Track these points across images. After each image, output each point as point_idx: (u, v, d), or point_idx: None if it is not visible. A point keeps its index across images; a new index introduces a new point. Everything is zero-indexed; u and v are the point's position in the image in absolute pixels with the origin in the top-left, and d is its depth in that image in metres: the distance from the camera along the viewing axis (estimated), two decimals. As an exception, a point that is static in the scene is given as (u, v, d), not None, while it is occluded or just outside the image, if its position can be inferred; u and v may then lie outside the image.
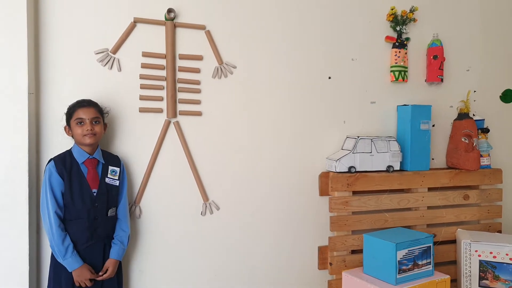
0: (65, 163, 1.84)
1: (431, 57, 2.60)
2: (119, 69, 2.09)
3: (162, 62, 2.14)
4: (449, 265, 2.57)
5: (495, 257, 2.36)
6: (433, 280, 2.16)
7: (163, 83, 2.15)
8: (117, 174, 1.96)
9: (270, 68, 2.36)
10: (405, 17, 2.55)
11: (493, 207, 2.73)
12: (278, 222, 2.41)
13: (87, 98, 1.92)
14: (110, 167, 1.95)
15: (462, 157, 2.60)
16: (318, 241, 2.47)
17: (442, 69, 2.61)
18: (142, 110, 2.12)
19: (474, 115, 2.74)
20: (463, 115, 2.68)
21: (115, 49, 2.08)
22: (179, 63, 2.18)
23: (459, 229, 2.62)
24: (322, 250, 2.46)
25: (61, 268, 1.82)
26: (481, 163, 2.66)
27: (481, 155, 2.66)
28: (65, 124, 1.90)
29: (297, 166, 2.43)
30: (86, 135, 1.83)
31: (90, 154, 1.89)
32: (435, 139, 2.67)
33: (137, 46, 2.11)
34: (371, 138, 2.43)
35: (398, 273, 2.09)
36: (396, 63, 2.54)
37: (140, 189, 2.14)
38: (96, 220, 1.87)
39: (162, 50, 2.14)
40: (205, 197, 2.26)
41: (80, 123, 1.84)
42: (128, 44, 2.10)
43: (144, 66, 2.11)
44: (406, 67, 2.57)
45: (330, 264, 2.40)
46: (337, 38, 2.49)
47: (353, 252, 2.44)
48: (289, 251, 2.44)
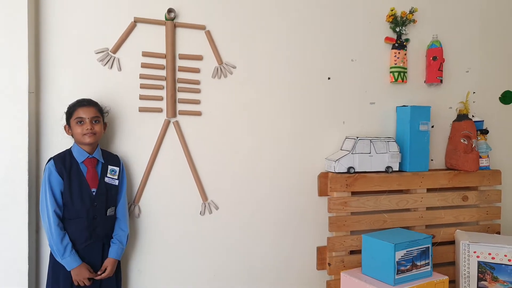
0: (65, 162, 1.84)
1: (431, 58, 2.60)
2: (119, 69, 2.09)
3: (162, 62, 2.15)
4: (447, 266, 2.58)
5: (493, 258, 2.36)
6: (432, 281, 2.16)
7: (163, 83, 2.16)
8: (117, 173, 1.97)
9: (269, 69, 2.37)
10: (404, 18, 2.55)
11: (492, 208, 2.73)
12: (277, 222, 2.42)
13: (87, 98, 1.92)
14: (109, 167, 1.95)
15: (461, 158, 2.60)
16: (317, 241, 2.48)
17: (442, 70, 2.61)
18: (142, 109, 2.13)
19: (473, 116, 2.75)
20: (462, 116, 2.68)
21: (115, 49, 2.08)
22: (179, 63, 2.18)
23: (457, 230, 2.62)
24: (320, 251, 2.46)
25: (60, 268, 1.83)
26: (480, 164, 2.66)
27: (480, 156, 2.66)
28: (65, 123, 1.91)
29: (296, 167, 2.43)
30: (86, 134, 1.83)
31: (89, 154, 1.89)
32: (434, 140, 2.68)
33: (137, 46, 2.11)
34: (370, 138, 2.43)
35: (397, 274, 2.09)
36: (395, 64, 2.55)
37: (139, 189, 2.14)
38: (95, 219, 1.87)
39: (162, 50, 2.15)
40: (204, 197, 2.26)
41: (80, 122, 1.84)
42: (128, 43, 2.10)
43: (144, 65, 2.12)
44: (406, 68, 2.57)
45: (329, 264, 2.40)
46: (336, 39, 2.50)
47: (352, 252, 2.45)
48: (288, 251, 2.44)
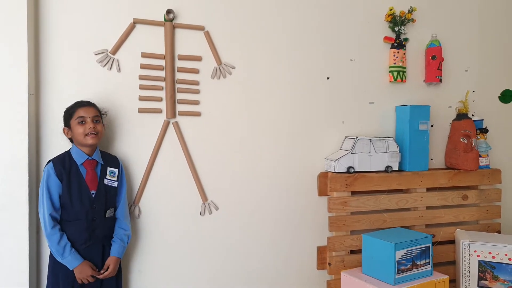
0: (64, 165, 1.84)
1: (430, 57, 2.60)
2: (119, 70, 2.10)
3: (161, 62, 2.15)
4: (448, 265, 2.58)
5: (494, 257, 2.36)
6: (432, 280, 2.16)
7: (162, 84, 2.16)
8: (116, 175, 1.97)
9: (268, 69, 2.37)
10: (403, 18, 2.55)
11: (492, 207, 2.73)
12: (277, 222, 2.42)
13: (85, 99, 1.92)
14: (108, 168, 1.95)
15: (461, 157, 2.60)
16: (317, 241, 2.48)
17: (441, 70, 2.61)
18: (141, 110, 2.13)
19: (472, 115, 2.75)
20: (461, 116, 2.68)
21: (115, 50, 2.09)
22: (178, 63, 2.19)
23: (458, 229, 2.62)
24: (321, 250, 2.46)
25: (60, 268, 1.83)
26: (480, 163, 2.66)
27: (480, 155, 2.66)
28: (63, 126, 1.90)
29: (296, 167, 2.44)
30: (88, 134, 1.83)
31: (89, 155, 1.89)
32: (433, 140, 2.68)
33: (136, 47, 2.12)
34: (370, 138, 2.43)
35: (397, 273, 2.09)
36: (394, 63, 2.55)
37: (139, 189, 2.15)
38: (94, 221, 1.87)
39: (161, 50, 2.15)
40: (204, 197, 2.26)
41: (82, 122, 1.84)
42: (127, 44, 2.11)
43: (143, 66, 2.12)
44: (405, 68, 2.57)
45: (329, 264, 2.40)
46: (335, 39, 2.50)
47: (352, 252, 2.45)
48: (288, 251, 2.44)
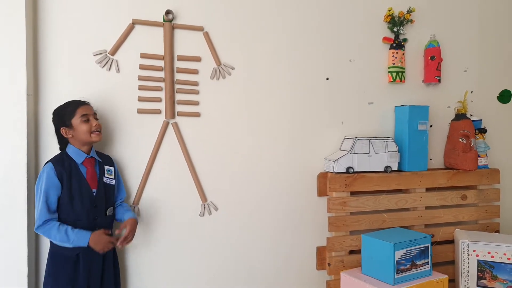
0: (64, 165, 1.81)
1: (429, 58, 2.61)
2: (118, 71, 2.10)
3: (160, 63, 2.15)
4: (447, 265, 2.58)
5: (493, 257, 2.36)
6: (431, 280, 2.16)
7: (161, 84, 2.16)
8: (112, 173, 1.97)
9: (268, 69, 2.37)
10: (402, 18, 2.55)
11: (491, 207, 2.73)
12: (277, 222, 2.42)
13: (83, 99, 1.91)
14: (105, 167, 1.95)
15: (459, 158, 2.60)
16: (317, 241, 2.48)
17: (440, 70, 2.62)
18: (140, 111, 2.13)
19: (471, 115, 2.76)
20: (460, 116, 2.68)
21: (114, 51, 2.09)
22: (177, 64, 2.19)
23: (457, 229, 2.62)
24: (320, 251, 2.46)
25: (60, 267, 1.80)
26: (479, 163, 2.66)
27: (478, 155, 2.67)
28: (61, 127, 1.84)
29: (295, 167, 2.44)
30: (94, 131, 1.84)
31: (87, 154, 1.89)
32: (432, 140, 2.68)
33: (135, 48, 2.12)
34: (369, 138, 2.44)
35: (396, 273, 2.09)
36: (393, 64, 2.55)
37: (138, 190, 2.15)
38: (95, 220, 1.87)
39: (160, 51, 2.15)
40: (203, 198, 2.26)
41: (87, 120, 1.84)
42: (126, 45, 2.11)
43: (142, 67, 2.12)
44: (404, 68, 2.58)
45: (329, 264, 2.41)
46: (334, 39, 2.50)
47: (351, 252, 2.45)
48: (288, 251, 2.44)
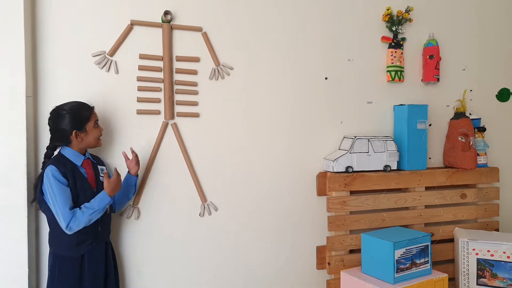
0: (66, 166, 1.79)
1: (427, 56, 2.61)
2: (117, 72, 2.10)
3: (159, 64, 2.15)
4: (447, 264, 2.59)
5: (492, 255, 2.37)
6: (431, 279, 2.17)
7: (161, 85, 2.16)
8: (104, 172, 1.96)
9: (267, 69, 2.37)
10: (400, 17, 2.56)
11: (490, 206, 2.74)
12: (276, 222, 2.42)
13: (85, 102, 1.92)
14: (99, 167, 1.96)
15: (459, 156, 2.61)
16: (317, 241, 2.48)
17: (438, 69, 2.62)
18: (139, 112, 2.13)
19: (470, 114, 2.76)
20: (459, 114, 2.69)
21: (112, 52, 2.09)
22: (176, 65, 2.19)
23: (456, 227, 2.63)
24: (320, 250, 2.47)
25: (64, 267, 1.80)
26: (478, 162, 2.67)
27: (478, 154, 2.67)
28: (74, 130, 1.79)
29: (294, 167, 2.44)
30: (100, 136, 1.91)
31: (84, 155, 1.89)
32: (432, 139, 2.68)
33: (134, 49, 2.12)
34: (368, 138, 2.44)
35: (396, 272, 2.09)
36: (392, 63, 2.55)
37: (138, 191, 2.15)
38: (98, 219, 1.85)
39: (159, 52, 2.15)
40: (203, 198, 2.26)
41: (97, 125, 1.89)
42: (125, 46, 2.11)
43: (141, 68, 2.12)
44: (402, 67, 2.58)
45: (329, 263, 2.41)
46: (333, 39, 2.50)
47: (351, 251, 2.45)
48: (288, 251, 2.45)
